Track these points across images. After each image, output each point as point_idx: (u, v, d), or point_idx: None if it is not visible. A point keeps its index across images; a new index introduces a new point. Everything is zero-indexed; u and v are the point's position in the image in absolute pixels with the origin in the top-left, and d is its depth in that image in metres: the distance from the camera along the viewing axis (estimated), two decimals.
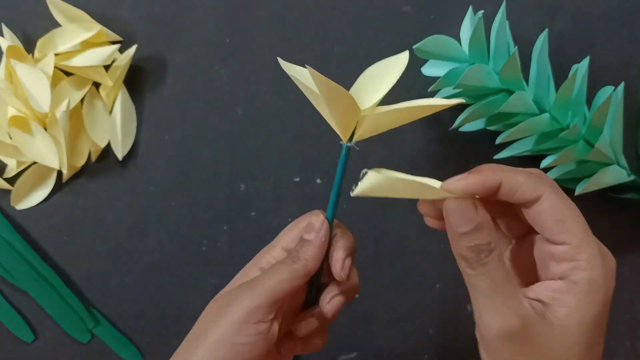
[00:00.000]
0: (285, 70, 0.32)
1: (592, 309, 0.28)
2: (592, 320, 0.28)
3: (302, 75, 0.32)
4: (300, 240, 0.34)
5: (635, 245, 0.49)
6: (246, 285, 0.32)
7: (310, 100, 0.32)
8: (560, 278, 0.28)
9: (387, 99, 0.33)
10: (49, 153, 0.45)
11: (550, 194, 0.29)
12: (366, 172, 0.31)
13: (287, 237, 0.35)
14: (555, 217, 0.28)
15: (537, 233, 0.30)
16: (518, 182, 0.29)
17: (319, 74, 0.28)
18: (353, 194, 0.31)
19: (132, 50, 0.48)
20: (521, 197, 0.29)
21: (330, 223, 0.34)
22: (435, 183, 0.30)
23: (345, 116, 0.31)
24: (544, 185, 0.29)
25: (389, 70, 0.34)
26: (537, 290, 0.29)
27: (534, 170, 0.30)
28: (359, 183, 0.31)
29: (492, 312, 0.28)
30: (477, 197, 0.30)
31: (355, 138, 0.32)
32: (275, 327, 0.32)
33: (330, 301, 0.34)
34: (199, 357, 0.31)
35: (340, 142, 0.33)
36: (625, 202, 0.48)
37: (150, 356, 0.49)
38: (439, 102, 0.31)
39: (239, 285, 0.33)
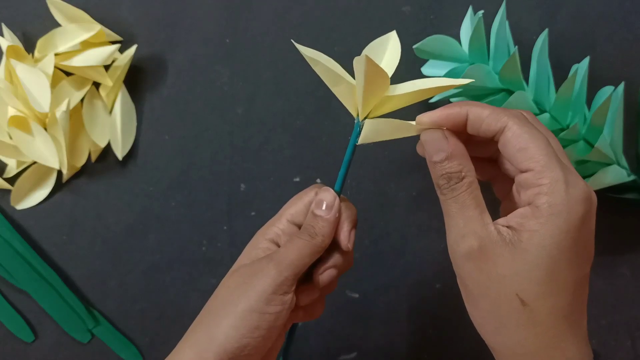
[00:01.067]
0: (302, 52, 0.33)
1: (553, 233, 0.28)
2: (554, 245, 0.28)
3: (320, 57, 0.34)
4: (313, 215, 0.35)
5: (635, 245, 0.49)
6: (269, 258, 0.34)
7: (325, 80, 0.34)
8: (528, 204, 0.29)
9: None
10: (49, 153, 0.45)
11: (514, 124, 0.30)
12: (364, 122, 0.33)
13: (292, 209, 0.36)
14: (518, 145, 0.29)
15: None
16: (482, 115, 0.31)
17: (371, 59, 0.30)
18: (359, 142, 0.34)
19: (132, 50, 0.48)
20: (487, 129, 0.31)
21: (339, 197, 0.35)
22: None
23: (373, 95, 0.32)
24: (508, 116, 0.30)
25: (384, 51, 0.36)
26: (510, 217, 0.30)
27: (514, 110, 0.32)
28: (361, 133, 0.33)
29: (455, 233, 0.30)
30: (446, 129, 0.32)
31: (370, 116, 0.34)
32: (294, 296, 0.34)
33: (323, 272, 0.36)
34: (229, 323, 0.32)
35: (355, 120, 0.34)
36: (625, 202, 0.48)
37: (150, 356, 0.49)
38: (449, 82, 0.32)
39: (263, 259, 0.34)
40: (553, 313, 0.29)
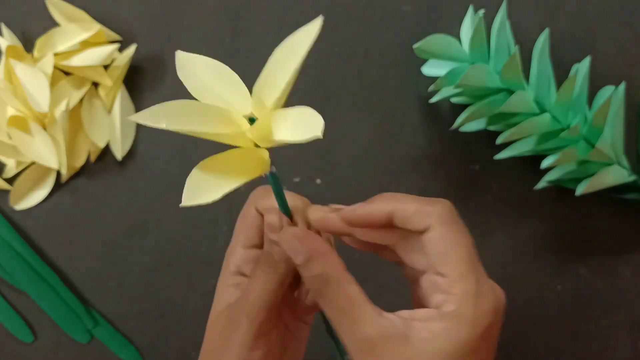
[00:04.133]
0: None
1: (454, 343, 0.27)
2: (453, 351, 0.27)
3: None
4: (268, 241, 0.32)
5: (636, 245, 0.49)
6: (237, 306, 0.31)
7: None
8: (435, 306, 0.29)
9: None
10: (48, 153, 0.45)
11: (438, 224, 0.29)
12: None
13: (242, 235, 0.34)
14: (439, 248, 0.29)
15: None
16: (407, 213, 0.29)
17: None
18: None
19: (131, 50, 0.48)
20: (412, 227, 0.29)
21: (287, 213, 0.31)
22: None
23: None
24: (433, 216, 0.29)
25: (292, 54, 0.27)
26: (413, 312, 0.29)
27: (438, 200, 0.30)
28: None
29: (342, 334, 0.29)
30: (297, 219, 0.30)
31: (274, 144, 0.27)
32: (280, 324, 0.32)
33: (306, 298, 0.34)
34: None
35: (265, 174, 0.28)
36: (626, 203, 0.48)
37: (150, 356, 0.49)
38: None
39: (233, 307, 0.32)
40: None
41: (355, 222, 0.30)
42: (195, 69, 0.27)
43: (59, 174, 0.49)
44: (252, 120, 0.27)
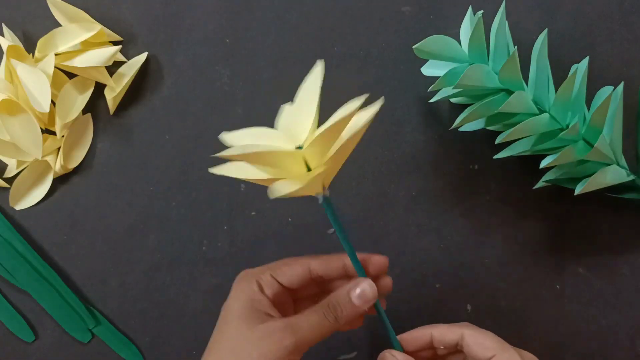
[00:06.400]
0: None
1: None
2: None
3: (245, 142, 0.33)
4: (348, 299, 0.36)
5: (635, 245, 0.49)
6: (287, 326, 0.35)
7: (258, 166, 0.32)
8: None
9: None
10: (29, 138, 0.45)
11: (467, 330, 0.37)
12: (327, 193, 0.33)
13: (279, 270, 0.38)
14: (477, 342, 0.36)
15: None
16: (443, 331, 0.38)
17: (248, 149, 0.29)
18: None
19: (142, 57, 0.48)
20: (449, 341, 0.38)
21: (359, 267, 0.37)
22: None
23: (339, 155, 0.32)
24: (462, 327, 0.37)
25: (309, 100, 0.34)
26: None
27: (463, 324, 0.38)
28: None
29: None
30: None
31: (326, 181, 0.33)
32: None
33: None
34: None
35: (319, 201, 0.33)
36: (624, 202, 0.48)
37: (150, 356, 0.49)
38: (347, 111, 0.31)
39: (279, 322, 0.35)
40: None
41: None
42: (241, 142, 0.34)
43: (58, 177, 0.49)
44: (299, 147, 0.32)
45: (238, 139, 0.34)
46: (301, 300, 0.40)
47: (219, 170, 0.32)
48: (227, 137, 0.34)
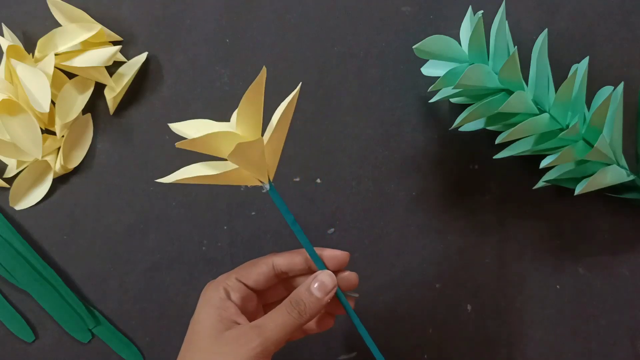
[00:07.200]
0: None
1: None
2: None
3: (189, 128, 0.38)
4: (309, 293, 0.36)
5: (635, 245, 0.49)
6: (254, 328, 0.35)
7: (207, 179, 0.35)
8: None
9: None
10: (29, 138, 0.45)
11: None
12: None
13: (244, 271, 0.38)
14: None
15: None
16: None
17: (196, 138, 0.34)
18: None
19: (142, 57, 0.48)
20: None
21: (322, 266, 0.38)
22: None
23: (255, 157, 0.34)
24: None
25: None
26: None
27: None
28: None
29: None
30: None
31: (271, 171, 0.36)
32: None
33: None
34: None
35: (263, 189, 0.36)
36: (624, 202, 0.48)
37: (151, 356, 0.49)
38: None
39: (246, 327, 0.35)
40: None
41: None
42: (187, 131, 0.38)
43: (58, 177, 0.49)
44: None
45: (186, 127, 0.38)
46: (271, 305, 0.40)
47: (167, 179, 0.35)
48: (176, 125, 0.38)
